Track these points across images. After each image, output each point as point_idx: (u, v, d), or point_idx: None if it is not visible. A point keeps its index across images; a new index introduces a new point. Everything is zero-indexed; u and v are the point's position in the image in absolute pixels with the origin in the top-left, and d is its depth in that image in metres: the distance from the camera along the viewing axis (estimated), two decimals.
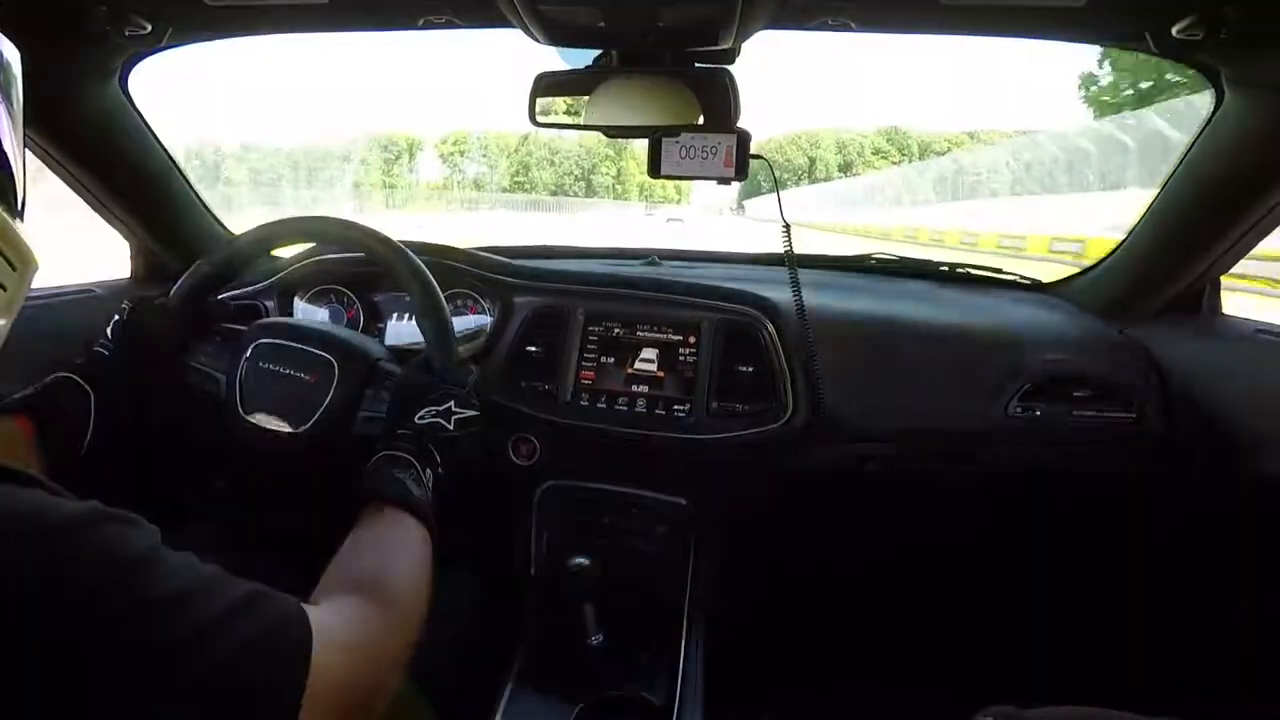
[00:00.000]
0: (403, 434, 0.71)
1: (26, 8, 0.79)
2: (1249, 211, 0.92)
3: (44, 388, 0.71)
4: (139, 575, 0.36)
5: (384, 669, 0.51)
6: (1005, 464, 1.09)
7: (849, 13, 0.78)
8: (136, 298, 0.82)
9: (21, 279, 0.46)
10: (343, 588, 0.54)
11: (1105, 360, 1.08)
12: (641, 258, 1.47)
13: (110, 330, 0.78)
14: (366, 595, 0.53)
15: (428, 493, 0.67)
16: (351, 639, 0.48)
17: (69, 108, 0.97)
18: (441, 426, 0.73)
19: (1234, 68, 0.82)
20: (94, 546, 0.35)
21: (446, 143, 51.15)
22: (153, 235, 1.20)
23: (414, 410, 0.73)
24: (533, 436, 1.06)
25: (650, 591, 1.03)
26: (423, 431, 0.72)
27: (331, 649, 0.44)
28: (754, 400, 1.03)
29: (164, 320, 0.82)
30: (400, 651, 0.54)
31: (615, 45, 0.83)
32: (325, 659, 0.42)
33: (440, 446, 0.72)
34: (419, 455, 0.69)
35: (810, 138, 57.55)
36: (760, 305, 1.05)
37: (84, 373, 0.73)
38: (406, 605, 0.56)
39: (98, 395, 0.73)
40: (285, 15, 0.88)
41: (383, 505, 0.63)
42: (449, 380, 0.78)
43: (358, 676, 0.47)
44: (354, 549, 0.59)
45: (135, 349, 0.78)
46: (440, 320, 0.82)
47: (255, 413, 0.83)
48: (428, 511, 0.65)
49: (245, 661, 0.39)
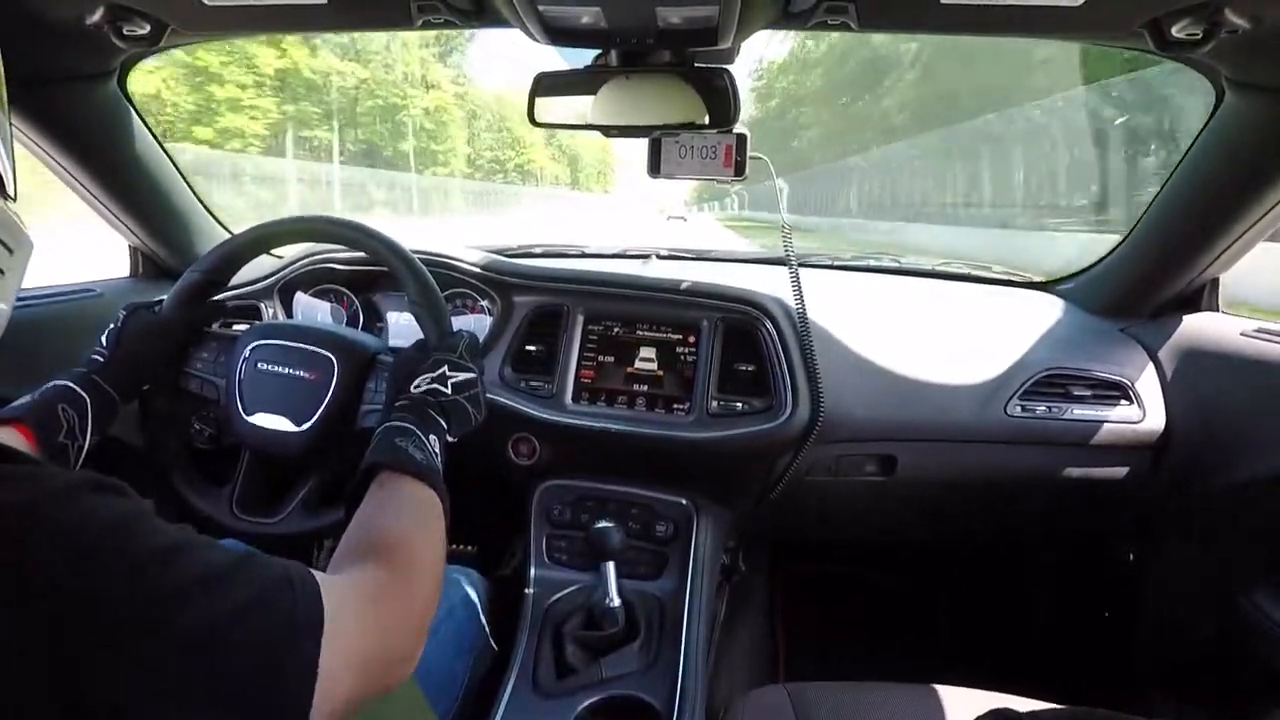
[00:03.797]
0: (401, 404, 0.71)
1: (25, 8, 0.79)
2: (1249, 211, 0.93)
3: (42, 395, 0.71)
4: (135, 531, 0.36)
5: (403, 631, 0.50)
6: (1005, 463, 1.09)
7: (849, 13, 0.78)
8: (132, 305, 0.82)
9: (19, 262, 0.46)
10: (352, 556, 0.53)
11: (1105, 359, 1.08)
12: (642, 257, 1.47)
13: (106, 338, 0.78)
14: (378, 559, 0.52)
15: (433, 458, 0.67)
16: (365, 602, 0.47)
17: (67, 108, 0.97)
18: (439, 391, 0.73)
19: (1234, 68, 0.82)
20: (87, 508, 0.35)
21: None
22: (152, 235, 1.20)
23: (409, 382, 0.73)
24: (532, 436, 1.06)
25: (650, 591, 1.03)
26: (421, 399, 0.72)
27: (345, 613, 0.43)
28: (754, 400, 1.03)
29: (160, 327, 0.82)
30: (419, 612, 0.53)
31: (615, 45, 0.83)
32: (339, 625, 0.41)
33: (441, 412, 0.72)
34: (420, 423, 0.68)
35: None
36: (760, 305, 1.05)
37: (81, 380, 0.73)
38: (420, 566, 0.55)
39: (95, 402, 0.72)
40: (284, 15, 0.88)
41: (388, 474, 0.63)
42: (441, 348, 0.77)
43: (375, 641, 0.46)
44: (361, 519, 0.59)
45: (132, 356, 0.78)
46: (433, 304, 0.82)
47: (257, 413, 0.83)
48: (434, 474, 0.64)
49: (251, 614, 0.38)
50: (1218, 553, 1.05)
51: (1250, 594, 0.95)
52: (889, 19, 0.84)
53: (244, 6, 0.82)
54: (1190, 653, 1.11)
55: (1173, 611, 1.13)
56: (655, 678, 0.90)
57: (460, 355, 0.77)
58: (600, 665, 0.90)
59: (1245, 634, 0.95)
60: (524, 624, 0.99)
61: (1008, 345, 1.11)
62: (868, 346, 1.09)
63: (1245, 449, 0.95)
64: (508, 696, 0.88)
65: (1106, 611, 1.27)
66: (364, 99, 22.32)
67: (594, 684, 0.89)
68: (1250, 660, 0.98)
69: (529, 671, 0.92)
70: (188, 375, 0.87)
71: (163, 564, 0.36)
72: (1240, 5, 0.67)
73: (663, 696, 0.88)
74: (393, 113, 24.13)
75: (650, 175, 0.96)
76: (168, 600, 0.35)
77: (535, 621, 0.99)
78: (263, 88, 15.62)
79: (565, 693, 0.88)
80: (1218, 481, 0.99)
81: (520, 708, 0.87)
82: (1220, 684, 1.06)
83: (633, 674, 0.91)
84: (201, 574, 0.37)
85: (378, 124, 23.38)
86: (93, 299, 1.13)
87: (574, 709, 0.86)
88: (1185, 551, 1.11)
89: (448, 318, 0.82)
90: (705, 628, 0.98)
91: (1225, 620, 1.00)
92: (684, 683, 0.89)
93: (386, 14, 0.86)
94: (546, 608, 1.00)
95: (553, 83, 0.87)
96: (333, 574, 0.50)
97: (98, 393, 0.73)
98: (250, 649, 0.37)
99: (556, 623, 0.98)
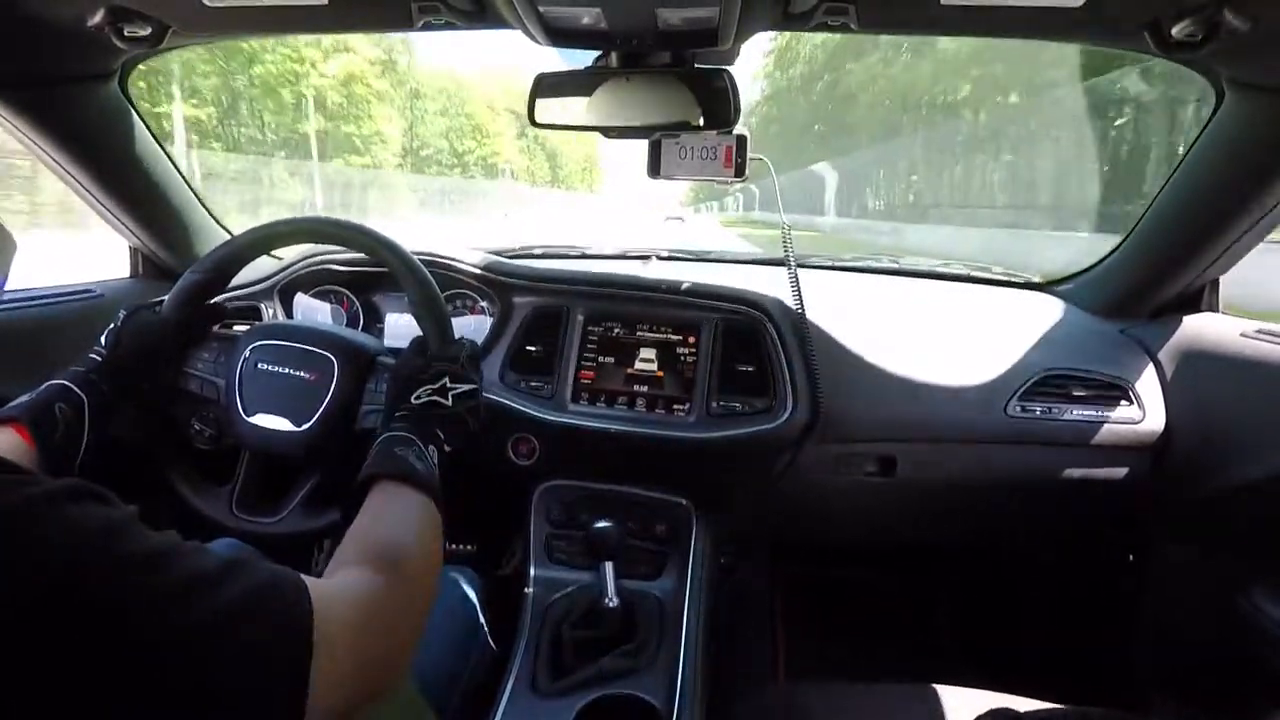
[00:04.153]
0: (401, 415, 0.71)
1: (26, 10, 0.79)
2: (1249, 211, 0.93)
3: (39, 395, 0.71)
4: (120, 536, 0.36)
5: (396, 639, 0.50)
6: (1005, 463, 1.09)
7: (849, 14, 0.78)
8: (131, 306, 0.81)
9: (3, 261, 0.46)
10: (348, 563, 0.53)
11: (1106, 360, 1.08)
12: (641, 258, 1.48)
13: (104, 338, 0.78)
14: (372, 566, 0.52)
15: (432, 468, 0.67)
16: (357, 608, 0.47)
17: (68, 109, 0.97)
18: (439, 404, 0.73)
19: (1234, 69, 0.82)
20: (72, 515, 0.35)
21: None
22: (152, 236, 1.20)
23: (410, 392, 0.73)
24: (532, 436, 1.06)
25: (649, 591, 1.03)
26: (421, 411, 0.72)
27: (336, 618, 0.43)
28: (754, 400, 1.03)
29: (159, 327, 0.81)
30: (412, 620, 0.53)
31: (615, 47, 0.84)
32: (330, 629, 0.41)
33: (441, 424, 0.72)
34: (420, 434, 0.69)
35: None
36: (760, 306, 1.05)
37: (79, 379, 0.73)
38: (415, 574, 0.55)
39: (93, 401, 0.72)
40: (284, 16, 0.88)
41: (386, 483, 0.63)
42: (442, 357, 0.77)
43: (365, 646, 0.46)
44: (358, 527, 0.59)
45: (130, 356, 0.78)
46: (433, 306, 0.82)
47: (257, 413, 0.84)
48: (432, 484, 0.64)
49: (240, 618, 0.37)
50: (1217, 553, 1.05)
51: (1250, 594, 0.95)
52: (889, 20, 0.84)
53: (245, 8, 0.83)
54: (1189, 653, 1.12)
55: (1172, 612, 1.13)
56: (654, 677, 0.90)
57: (461, 364, 0.77)
58: (599, 665, 0.90)
59: (1244, 634, 0.95)
60: (523, 623, 0.99)
61: (1007, 346, 1.11)
62: (867, 347, 1.09)
63: (1245, 450, 0.95)
64: (507, 696, 0.88)
65: (1106, 612, 1.27)
66: (245, 64, 17.58)
67: (593, 683, 0.89)
68: (1250, 660, 0.98)
69: (528, 671, 0.92)
70: (188, 375, 0.87)
71: (150, 569, 0.36)
72: (1240, 6, 0.67)
73: (662, 696, 0.88)
74: (282, 84, 18.72)
75: (650, 176, 0.96)
76: (154, 605, 0.35)
77: (534, 621, 0.99)
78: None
79: (564, 692, 0.88)
80: (1217, 482, 0.99)
81: (519, 707, 0.87)
82: (1219, 684, 1.06)
83: (632, 673, 0.91)
84: (189, 578, 0.37)
85: (265, 98, 18.35)
86: (93, 300, 1.13)
87: (573, 708, 0.86)
88: (1185, 552, 1.11)
89: (449, 323, 0.82)
90: (704, 627, 0.98)
91: (1224, 620, 1.00)
92: (683, 682, 0.89)
93: (387, 15, 0.86)
94: (546, 607, 1.00)
95: (553, 83, 0.87)
96: (327, 580, 0.50)
97: (95, 392, 0.73)
98: (239, 652, 0.37)
99: (556, 622, 0.98)
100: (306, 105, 19.70)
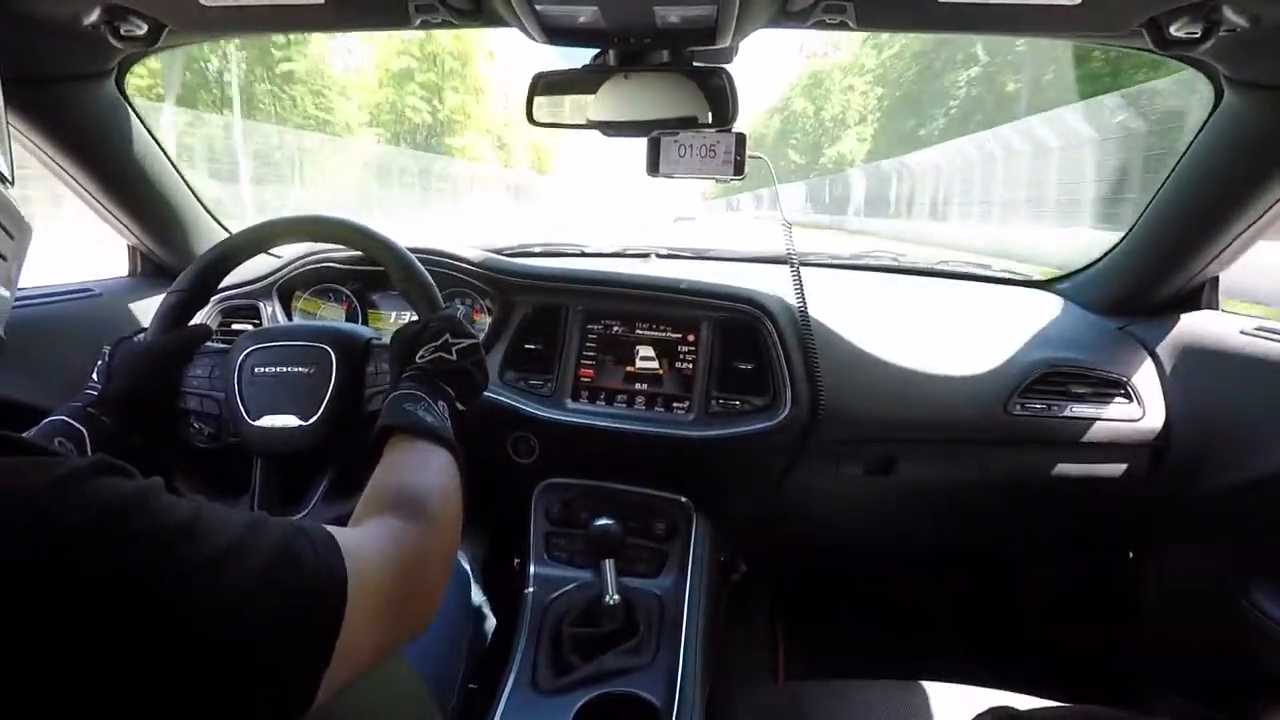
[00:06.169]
0: (409, 375, 0.71)
1: (22, 8, 0.79)
2: (1248, 209, 0.92)
3: (39, 430, 0.71)
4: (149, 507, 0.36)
5: (425, 577, 0.51)
6: (1005, 461, 1.09)
7: (847, 12, 0.78)
8: (115, 338, 0.81)
9: (20, 246, 0.46)
10: (370, 511, 0.54)
11: (1105, 357, 1.08)
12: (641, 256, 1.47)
13: (97, 373, 0.79)
14: (395, 510, 0.53)
15: (443, 420, 0.67)
16: (384, 549, 0.47)
17: (65, 108, 0.96)
18: (444, 359, 0.73)
19: (1232, 66, 0.81)
20: (102, 487, 0.35)
21: None
22: (150, 234, 1.19)
23: (414, 352, 0.73)
24: (532, 435, 1.06)
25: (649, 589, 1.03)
26: (428, 368, 0.72)
27: (364, 562, 0.43)
28: (754, 398, 1.03)
29: (145, 356, 0.81)
30: (440, 561, 0.53)
31: (613, 45, 0.83)
32: (359, 574, 0.42)
33: (448, 379, 0.72)
34: (428, 390, 0.69)
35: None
36: (760, 304, 1.05)
37: (78, 414, 0.74)
38: (436, 514, 0.55)
39: (93, 435, 0.73)
40: (281, 15, 0.88)
41: (400, 436, 0.63)
42: (440, 317, 0.77)
43: (396, 586, 0.46)
44: (376, 479, 0.59)
45: (124, 389, 0.78)
46: (416, 276, 0.82)
47: (263, 416, 0.83)
48: (445, 435, 0.65)
49: (276, 571, 0.38)
50: (1217, 551, 1.05)
51: (1249, 592, 0.95)
52: (887, 18, 0.84)
53: (241, 7, 0.82)
54: (1189, 651, 1.12)
55: (1172, 610, 1.14)
56: (654, 675, 0.91)
57: (458, 321, 0.77)
58: (599, 663, 0.90)
59: (1244, 633, 0.95)
60: (523, 621, 0.99)
61: (1007, 343, 1.11)
62: (867, 345, 1.09)
63: (1244, 447, 0.95)
64: (507, 693, 0.88)
65: (1105, 609, 1.27)
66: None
67: (593, 681, 0.89)
68: (1249, 659, 0.98)
69: (528, 669, 0.92)
70: (185, 395, 0.87)
71: (185, 537, 0.36)
72: (1239, 4, 0.67)
73: (661, 694, 0.88)
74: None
75: (649, 174, 0.96)
76: (194, 571, 0.35)
77: (535, 619, 0.99)
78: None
79: (564, 690, 0.88)
80: (1217, 479, 0.99)
81: (519, 705, 0.87)
82: (1219, 682, 1.06)
83: (631, 671, 0.91)
84: (225, 542, 0.37)
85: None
86: (91, 299, 1.13)
87: (573, 706, 0.86)
88: (1184, 550, 1.11)
89: (436, 291, 0.82)
90: (704, 626, 0.98)
91: (1224, 619, 1.00)
92: (683, 680, 0.89)
93: (384, 14, 0.86)
94: (546, 605, 1.00)
95: (550, 82, 0.87)
96: (352, 528, 0.50)
97: (95, 426, 0.74)
98: (277, 607, 0.37)
99: (556, 620, 0.98)
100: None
